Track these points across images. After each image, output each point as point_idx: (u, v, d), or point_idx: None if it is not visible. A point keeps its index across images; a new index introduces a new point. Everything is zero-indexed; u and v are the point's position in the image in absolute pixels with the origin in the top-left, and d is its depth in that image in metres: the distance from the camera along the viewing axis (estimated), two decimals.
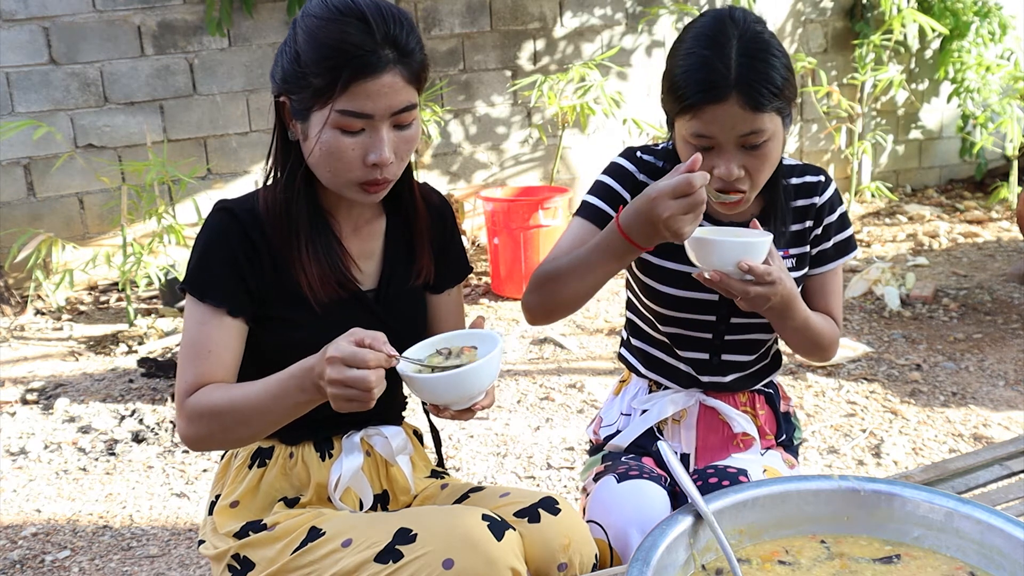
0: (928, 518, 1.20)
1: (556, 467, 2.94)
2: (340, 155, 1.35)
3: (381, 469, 1.56)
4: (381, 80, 1.32)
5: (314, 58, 1.33)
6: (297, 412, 1.32)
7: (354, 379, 1.19)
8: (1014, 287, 4.45)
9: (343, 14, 1.33)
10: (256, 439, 1.41)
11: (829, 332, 1.65)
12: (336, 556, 1.33)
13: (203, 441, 1.38)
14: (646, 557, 1.06)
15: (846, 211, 1.71)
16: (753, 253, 1.43)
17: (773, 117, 1.46)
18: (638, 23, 5.41)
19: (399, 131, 1.38)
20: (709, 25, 1.48)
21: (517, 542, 1.33)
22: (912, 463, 2.89)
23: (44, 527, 2.69)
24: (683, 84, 1.46)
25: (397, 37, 1.33)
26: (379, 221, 1.56)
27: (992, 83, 5.73)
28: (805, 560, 1.17)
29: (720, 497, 1.20)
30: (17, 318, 4.42)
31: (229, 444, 1.44)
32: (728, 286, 1.43)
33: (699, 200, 1.35)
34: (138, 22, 4.58)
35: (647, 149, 1.69)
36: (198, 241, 1.45)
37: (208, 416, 1.35)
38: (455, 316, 1.65)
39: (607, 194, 1.65)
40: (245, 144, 4.89)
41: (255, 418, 1.33)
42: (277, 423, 1.34)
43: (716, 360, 1.70)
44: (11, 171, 4.53)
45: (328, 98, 1.33)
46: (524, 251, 4.48)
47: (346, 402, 1.21)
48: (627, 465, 1.62)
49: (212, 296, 1.40)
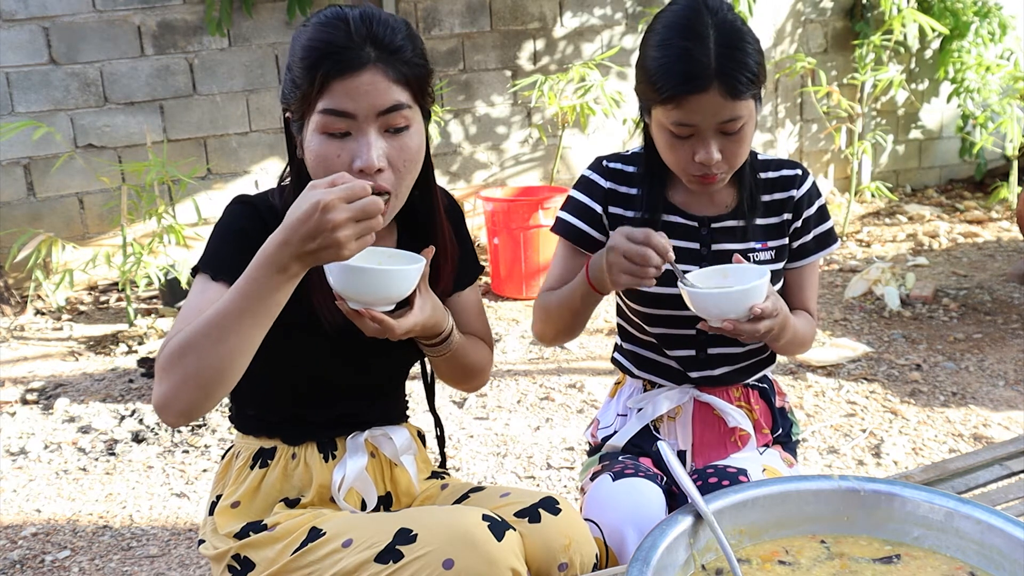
0: (928, 518, 1.20)
1: (556, 467, 2.94)
2: (327, 162, 1.32)
3: (386, 470, 1.56)
4: (361, 77, 1.30)
5: (297, 61, 1.34)
6: (273, 305, 1.21)
7: (365, 207, 1.16)
8: (1014, 287, 4.45)
9: (328, 20, 1.34)
10: (234, 369, 1.23)
11: (810, 333, 1.73)
12: (336, 556, 1.33)
13: (177, 394, 1.23)
14: (646, 557, 1.06)
15: (825, 204, 1.74)
16: (757, 295, 1.46)
17: (748, 102, 1.51)
18: (638, 23, 5.41)
19: (391, 136, 1.34)
20: (683, 14, 1.50)
21: (517, 542, 1.33)
22: (912, 463, 2.89)
23: (44, 527, 2.69)
24: (663, 75, 1.48)
25: (378, 35, 1.32)
26: (388, 237, 1.52)
27: (992, 83, 5.74)
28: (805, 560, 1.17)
29: (720, 497, 1.20)
30: (17, 318, 4.42)
31: (205, 388, 1.23)
32: (740, 331, 1.48)
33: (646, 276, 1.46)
34: (138, 22, 4.58)
35: (615, 157, 1.73)
36: (215, 229, 1.43)
37: (179, 353, 1.22)
38: (475, 317, 1.64)
39: (576, 209, 1.72)
40: (245, 144, 4.90)
41: (230, 330, 1.20)
42: (253, 333, 1.22)
43: (703, 355, 1.70)
44: (11, 171, 4.53)
45: (312, 99, 1.32)
46: (524, 251, 4.48)
47: (356, 240, 1.17)
48: (623, 464, 1.63)
49: (226, 274, 1.33)
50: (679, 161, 1.55)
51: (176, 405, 1.24)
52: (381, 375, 1.58)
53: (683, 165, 1.55)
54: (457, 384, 1.65)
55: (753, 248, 1.67)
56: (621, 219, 1.69)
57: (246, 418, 1.56)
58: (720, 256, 1.65)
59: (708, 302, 1.47)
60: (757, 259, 1.67)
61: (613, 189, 1.69)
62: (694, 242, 1.66)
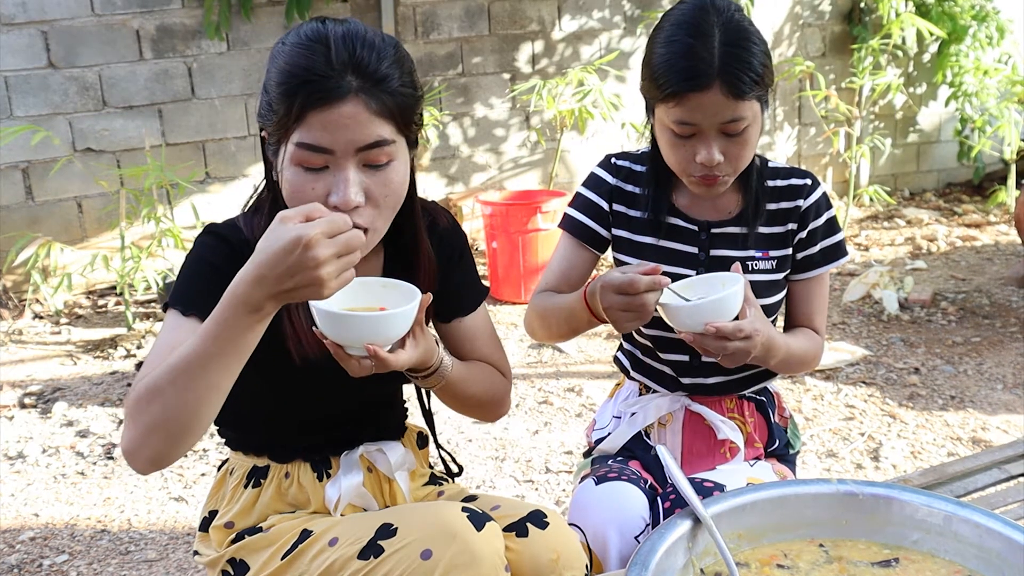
0: (927, 522, 1.20)
1: (555, 471, 2.94)
2: (302, 196, 1.23)
3: (384, 485, 1.51)
4: (340, 110, 1.20)
5: (274, 84, 1.24)
6: (244, 347, 1.13)
7: (348, 241, 1.08)
8: (1012, 291, 4.45)
9: (309, 40, 1.23)
10: (203, 416, 1.16)
11: (812, 352, 1.65)
12: (323, 556, 1.32)
13: (145, 442, 1.16)
14: (645, 561, 1.06)
15: (835, 216, 1.69)
16: (724, 309, 1.41)
17: (753, 104, 1.49)
18: (636, 26, 5.42)
19: (372, 173, 1.25)
20: (690, 13, 1.50)
21: (497, 533, 1.31)
22: (910, 467, 2.89)
23: (42, 531, 2.69)
24: (666, 72, 1.48)
25: (362, 62, 1.21)
26: (375, 258, 1.46)
27: (990, 87, 5.74)
28: (804, 564, 1.17)
29: (719, 501, 1.20)
30: (15, 322, 4.42)
31: (173, 437, 1.17)
32: (705, 346, 1.44)
33: (638, 303, 1.40)
34: (137, 26, 4.58)
35: (624, 155, 1.72)
36: (186, 261, 1.36)
37: (146, 399, 1.15)
38: (483, 343, 1.57)
39: (584, 205, 1.71)
40: (243, 148, 4.89)
41: (197, 376, 1.12)
42: (222, 379, 1.14)
43: (696, 362, 1.68)
44: (9, 175, 4.53)
45: (288, 129, 1.22)
46: (522, 255, 4.48)
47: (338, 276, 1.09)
48: (608, 468, 1.62)
49: (198, 310, 1.27)
50: (680, 161, 1.54)
51: (144, 453, 1.18)
52: (364, 401, 1.51)
53: (684, 165, 1.54)
54: (467, 413, 1.58)
55: (753, 256, 1.64)
56: (625, 217, 1.68)
57: (229, 438, 1.53)
58: (718, 262, 1.63)
59: (669, 313, 1.45)
60: (756, 268, 1.63)
61: (619, 186, 1.69)
62: (692, 246, 1.65)
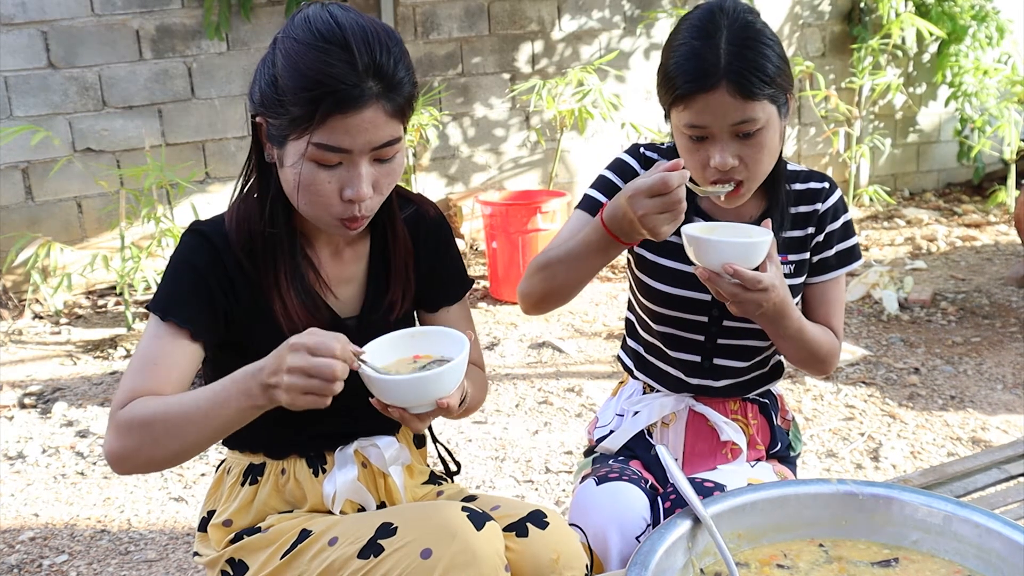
0: (926, 522, 1.20)
1: (555, 471, 2.94)
2: (316, 189, 1.30)
3: (379, 480, 1.52)
4: (362, 115, 1.25)
5: (292, 86, 1.25)
6: (235, 422, 1.24)
7: (319, 367, 1.13)
8: (1012, 291, 4.45)
9: (326, 41, 1.25)
10: (186, 456, 1.28)
11: (827, 344, 1.62)
12: (323, 555, 1.33)
13: (129, 457, 1.27)
14: (644, 561, 1.06)
15: (851, 220, 1.68)
16: (748, 256, 1.41)
17: (766, 106, 1.46)
18: (636, 26, 5.42)
19: (380, 165, 1.32)
20: (701, 16, 1.50)
21: (497, 533, 1.31)
22: (910, 467, 2.89)
23: (42, 531, 2.69)
24: (674, 75, 1.48)
25: (383, 67, 1.26)
26: (362, 243, 1.50)
27: (990, 87, 5.75)
28: (803, 564, 1.17)
29: (719, 501, 1.20)
30: (15, 322, 4.42)
31: (156, 461, 1.29)
32: (718, 286, 1.42)
33: (674, 200, 1.36)
34: (136, 26, 4.58)
35: (652, 146, 1.70)
36: (169, 263, 1.40)
37: (138, 427, 1.25)
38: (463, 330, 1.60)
39: (606, 188, 1.67)
40: (243, 148, 4.89)
41: (189, 428, 1.23)
42: (212, 436, 1.25)
43: (708, 364, 1.68)
44: (9, 175, 4.53)
45: (305, 129, 1.26)
46: (522, 255, 4.48)
47: (303, 395, 1.15)
48: (609, 468, 1.62)
49: (176, 315, 1.33)
50: (695, 166, 1.51)
51: (127, 464, 1.29)
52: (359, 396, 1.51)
53: (699, 171, 1.51)
54: None
55: None
56: None
57: (226, 437, 1.50)
58: None
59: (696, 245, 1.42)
60: None
61: None
62: None
